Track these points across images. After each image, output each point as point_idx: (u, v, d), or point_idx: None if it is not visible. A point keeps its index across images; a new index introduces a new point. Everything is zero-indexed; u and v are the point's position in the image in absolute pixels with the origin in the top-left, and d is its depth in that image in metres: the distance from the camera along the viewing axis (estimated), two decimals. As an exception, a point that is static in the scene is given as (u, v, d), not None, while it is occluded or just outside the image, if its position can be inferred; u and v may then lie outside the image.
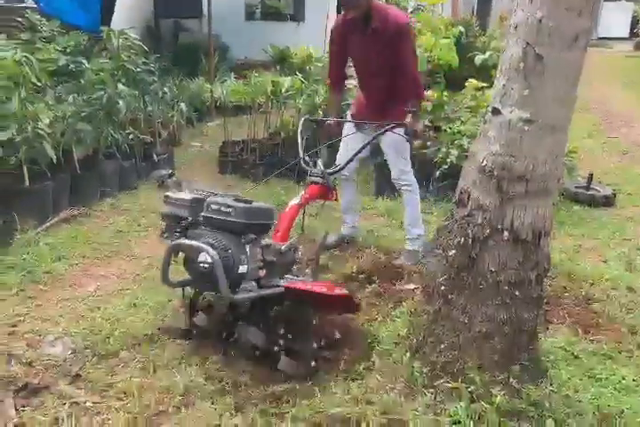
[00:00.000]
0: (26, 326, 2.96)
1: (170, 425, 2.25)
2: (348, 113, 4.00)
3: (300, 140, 3.41)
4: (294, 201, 2.98)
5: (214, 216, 2.48)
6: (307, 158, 3.29)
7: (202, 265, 2.31)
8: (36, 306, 3.19)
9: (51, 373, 2.56)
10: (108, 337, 2.84)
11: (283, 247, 2.59)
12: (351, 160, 3.37)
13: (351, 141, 3.70)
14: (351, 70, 4.01)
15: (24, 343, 2.79)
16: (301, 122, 3.61)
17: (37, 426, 2.24)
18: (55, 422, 2.26)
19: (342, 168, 3.35)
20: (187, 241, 2.45)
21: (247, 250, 2.48)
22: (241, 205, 2.45)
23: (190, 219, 2.61)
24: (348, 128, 3.84)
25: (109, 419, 2.28)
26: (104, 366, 2.62)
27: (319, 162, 3.24)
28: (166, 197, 2.70)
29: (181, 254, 2.56)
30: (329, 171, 3.21)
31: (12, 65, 4.00)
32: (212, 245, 2.37)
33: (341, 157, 3.81)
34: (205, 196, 2.64)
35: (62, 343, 2.76)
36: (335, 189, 3.30)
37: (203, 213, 2.54)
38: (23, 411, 2.32)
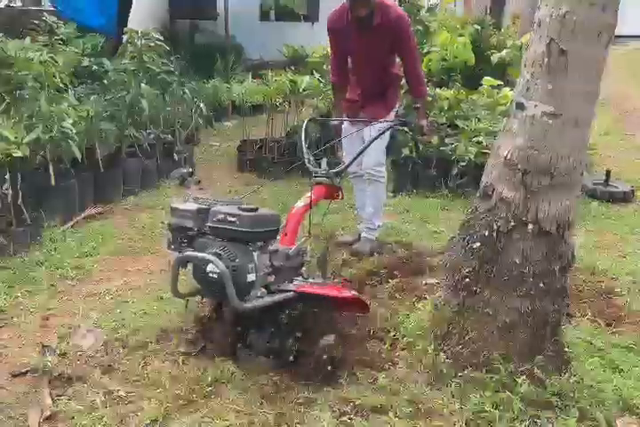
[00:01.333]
0: (57, 320, 3.05)
1: (201, 414, 2.31)
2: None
3: (303, 141, 3.38)
4: (300, 203, 2.94)
5: (220, 226, 2.47)
6: (311, 159, 3.25)
7: (210, 275, 2.35)
8: (66, 300, 3.28)
9: (84, 364, 2.63)
10: (137, 330, 2.90)
11: (290, 252, 2.61)
12: (356, 158, 3.37)
13: (353, 139, 3.75)
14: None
15: (56, 336, 2.87)
16: (305, 123, 3.58)
17: (73, 414, 2.31)
18: (90, 410, 2.33)
19: (348, 167, 3.31)
20: (193, 253, 2.47)
21: (255, 258, 2.47)
22: (246, 213, 2.42)
23: (196, 229, 2.60)
24: (347, 126, 3.87)
25: (142, 407, 2.34)
26: (135, 358, 2.68)
27: (324, 162, 3.21)
28: (172, 209, 2.69)
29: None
30: (334, 170, 3.16)
31: (38, 66, 4.09)
32: (219, 256, 2.38)
33: (347, 156, 3.83)
34: (211, 204, 2.62)
35: (94, 336, 2.84)
36: (341, 188, 3.24)
37: (208, 223, 2.53)
38: (59, 400, 2.40)
